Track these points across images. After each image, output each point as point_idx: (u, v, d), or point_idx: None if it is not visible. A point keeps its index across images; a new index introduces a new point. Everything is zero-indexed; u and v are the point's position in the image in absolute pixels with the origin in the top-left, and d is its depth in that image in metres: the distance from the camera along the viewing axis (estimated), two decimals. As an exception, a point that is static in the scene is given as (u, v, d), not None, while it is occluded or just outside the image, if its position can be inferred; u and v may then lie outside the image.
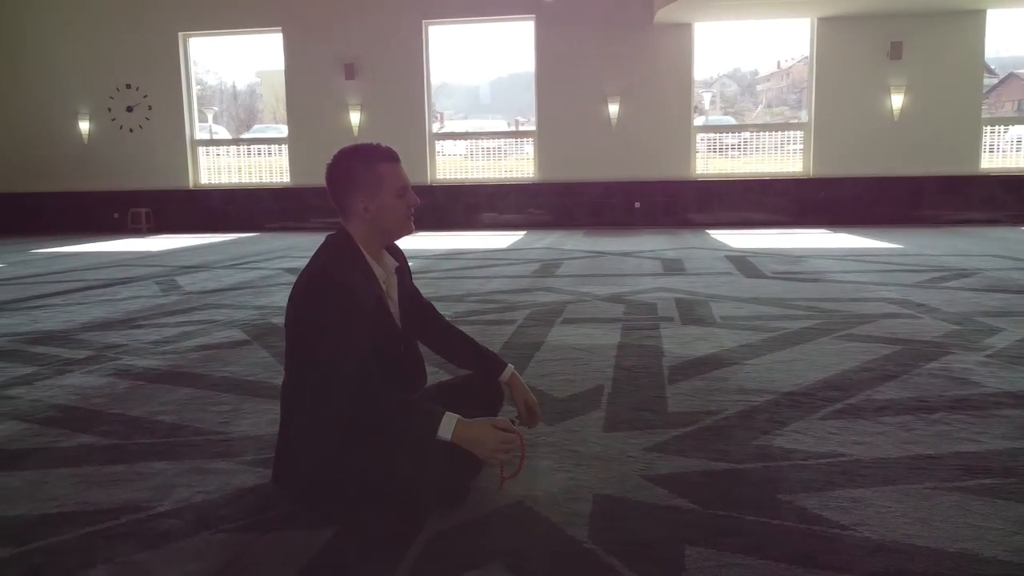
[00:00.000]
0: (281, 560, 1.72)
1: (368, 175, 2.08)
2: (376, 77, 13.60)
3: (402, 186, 2.12)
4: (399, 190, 2.11)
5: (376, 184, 2.08)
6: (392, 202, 2.10)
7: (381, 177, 2.09)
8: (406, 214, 2.14)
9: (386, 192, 2.09)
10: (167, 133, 14.33)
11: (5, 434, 2.66)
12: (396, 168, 2.14)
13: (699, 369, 3.35)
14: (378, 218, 2.10)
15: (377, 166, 2.10)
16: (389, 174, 2.11)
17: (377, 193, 2.08)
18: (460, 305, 5.18)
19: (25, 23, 14.46)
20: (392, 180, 2.11)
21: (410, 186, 2.17)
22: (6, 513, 2.00)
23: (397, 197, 2.11)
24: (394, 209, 2.10)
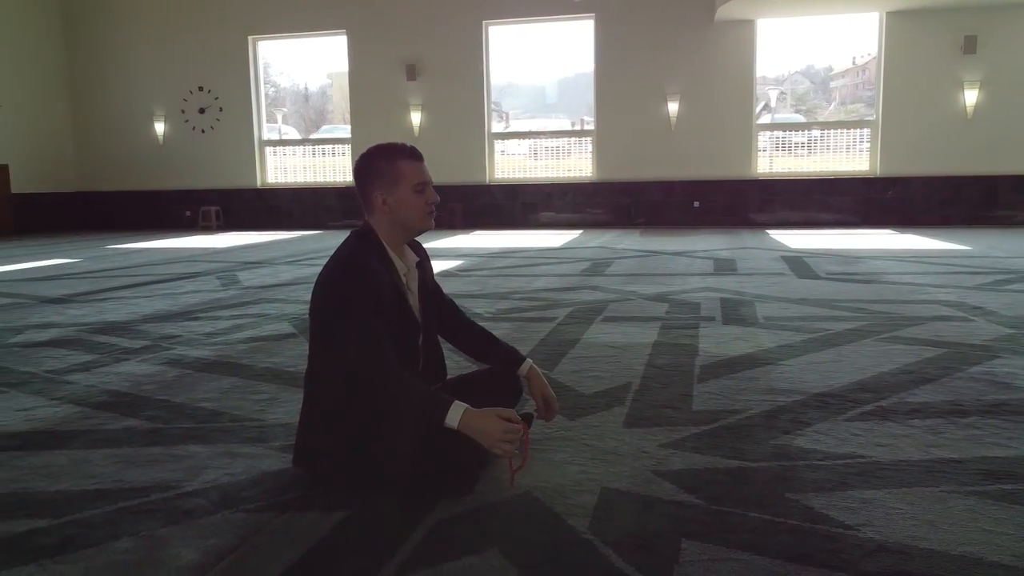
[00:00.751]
0: (292, 539, 1.80)
1: (388, 169, 2.16)
2: (437, 78, 13.79)
3: (421, 182, 2.19)
4: (417, 185, 2.17)
5: (395, 178, 2.16)
6: (410, 197, 2.16)
7: (401, 172, 2.16)
8: (424, 210, 2.20)
9: (404, 186, 2.16)
10: (237, 134, 14.81)
11: (59, 416, 2.83)
12: (417, 165, 2.20)
13: (731, 368, 3.33)
14: (396, 211, 2.17)
15: (398, 162, 2.17)
16: (409, 169, 2.17)
17: (396, 187, 2.15)
18: (503, 302, 5.24)
19: (104, 29, 15.15)
20: (411, 175, 2.17)
21: (430, 184, 2.23)
22: (48, 488, 2.14)
23: (416, 192, 2.17)
24: (412, 204, 2.17)
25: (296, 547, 1.76)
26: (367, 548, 1.75)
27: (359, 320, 2.02)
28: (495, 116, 15.13)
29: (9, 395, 3.14)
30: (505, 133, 14.31)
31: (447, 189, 13.75)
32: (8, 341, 4.24)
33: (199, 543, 1.79)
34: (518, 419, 2.01)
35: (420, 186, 2.19)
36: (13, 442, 2.55)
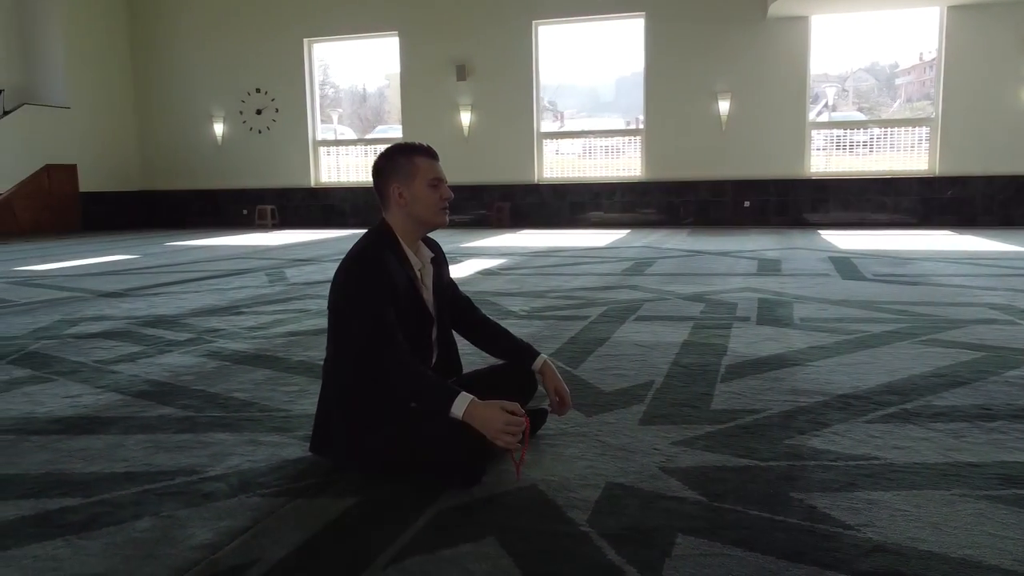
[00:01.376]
0: (300, 523, 1.88)
1: (406, 164, 2.24)
2: (487, 78, 13.89)
3: (436, 177, 2.26)
4: (433, 180, 2.24)
5: (412, 173, 2.23)
6: (425, 191, 2.23)
7: (417, 167, 2.23)
8: (438, 204, 2.26)
9: (420, 181, 2.23)
10: (292, 134, 15.15)
11: (101, 403, 2.98)
12: (432, 162, 2.27)
13: (757, 369, 3.31)
14: (412, 205, 2.24)
15: (415, 157, 2.25)
16: (425, 165, 2.25)
17: (412, 181, 2.23)
18: (539, 301, 5.28)
19: (167, 35, 15.66)
20: (427, 171, 2.24)
21: (445, 182, 2.29)
22: (83, 469, 2.27)
23: (430, 187, 2.24)
24: (426, 198, 2.24)
25: (303, 531, 1.84)
26: (369, 534, 1.82)
27: (372, 310, 2.09)
28: (550, 116, 15.16)
29: (58, 383, 3.31)
30: (553, 133, 14.32)
31: (495, 189, 13.88)
32: (63, 332, 4.45)
33: (213, 524, 1.88)
34: (521, 412, 2.05)
35: (435, 181, 2.26)
36: (57, 426, 2.69)
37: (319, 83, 15.66)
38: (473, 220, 14.16)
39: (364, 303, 2.11)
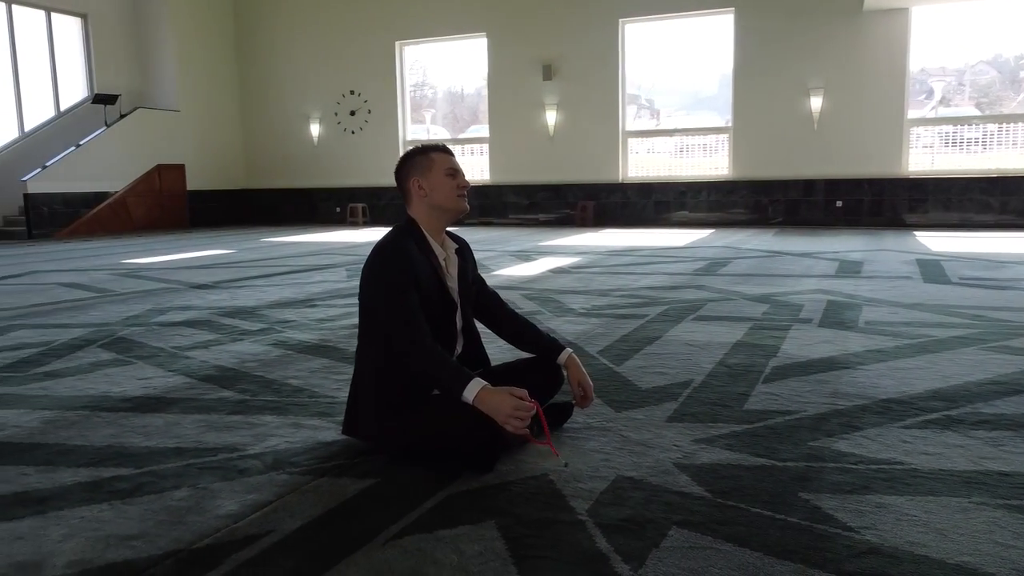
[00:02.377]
0: (318, 500, 2.01)
1: (422, 160, 2.37)
2: (572, 77, 13.93)
3: (451, 168, 2.37)
4: (448, 170, 2.37)
5: (429, 166, 2.36)
6: (442, 180, 2.35)
7: (432, 160, 2.37)
8: (455, 191, 2.38)
9: (437, 171, 2.35)
10: (382, 134, 15.60)
11: (170, 385, 3.22)
12: (447, 156, 2.42)
13: (804, 370, 3.25)
14: (432, 195, 2.36)
15: (429, 153, 2.39)
16: (439, 158, 2.38)
17: (430, 173, 2.35)
18: (601, 299, 5.31)
19: (267, 40, 16.39)
20: (442, 163, 2.37)
21: (461, 172, 2.41)
22: (140, 444, 2.48)
23: (447, 176, 2.36)
24: (443, 186, 2.35)
25: (319, 506, 1.97)
26: (379, 512, 1.93)
27: (396, 297, 2.21)
28: (647, 114, 15.02)
29: (136, 366, 3.59)
30: (638, 131, 14.20)
31: (579, 188, 13.90)
32: (151, 320, 4.79)
33: (241, 497, 2.03)
34: (529, 398, 2.12)
35: (451, 171, 2.38)
36: (126, 405, 2.93)
37: (419, 84, 16.06)
38: (557, 219, 14.23)
39: (388, 290, 2.23)
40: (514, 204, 14.63)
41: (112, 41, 15.19)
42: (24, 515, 1.95)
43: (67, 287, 6.51)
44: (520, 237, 11.39)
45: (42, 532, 1.85)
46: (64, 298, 5.87)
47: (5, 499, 2.05)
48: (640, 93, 15.12)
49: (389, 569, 1.65)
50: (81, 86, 14.94)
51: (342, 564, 1.67)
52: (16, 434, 2.60)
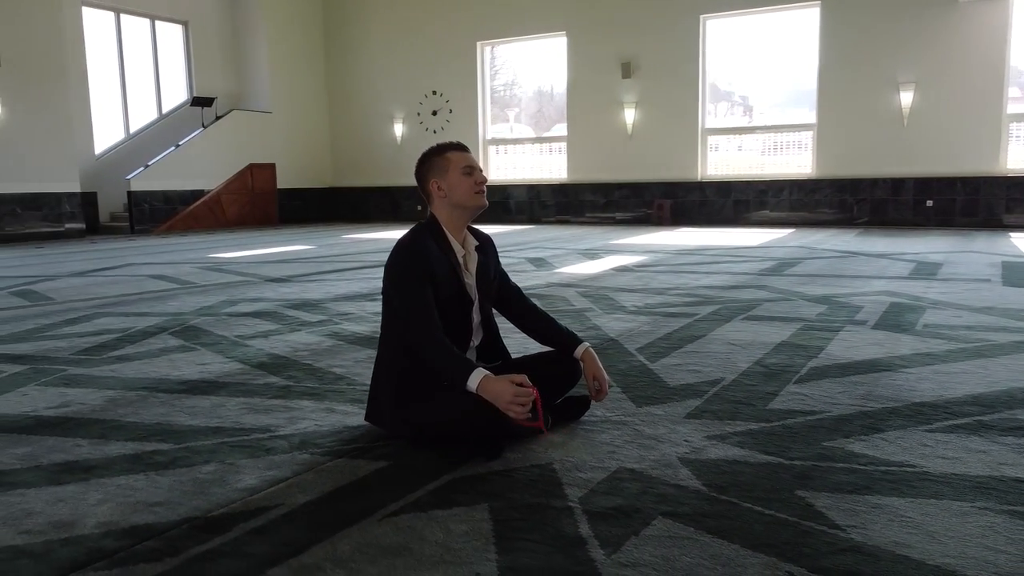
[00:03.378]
0: (330, 478, 2.14)
1: (439, 160, 2.46)
2: (652, 74, 13.83)
3: (467, 165, 2.46)
4: (465, 168, 2.45)
5: (445, 166, 2.45)
6: (459, 178, 2.44)
7: (448, 160, 2.45)
8: (473, 188, 2.46)
9: (454, 170, 2.44)
10: (464, 133, 15.83)
11: (224, 371, 3.44)
12: (463, 153, 2.50)
13: (842, 372, 3.19)
14: (451, 194, 2.45)
15: (446, 153, 2.47)
16: (455, 157, 2.46)
17: (447, 173, 2.44)
18: (656, 297, 5.30)
19: (355, 42, 16.90)
20: (458, 161, 2.46)
21: (478, 168, 2.49)
22: (184, 422, 2.67)
23: (464, 174, 2.44)
24: (460, 184, 2.44)
25: (330, 484, 2.10)
26: (383, 492, 2.04)
27: (410, 292, 2.33)
28: (741, 110, 14.74)
29: (199, 352, 3.84)
30: (717, 129, 13.94)
31: (656, 186, 13.78)
32: (222, 311, 5.08)
33: (262, 473, 2.18)
34: (530, 385, 2.19)
35: (467, 169, 2.46)
36: (181, 387, 3.16)
37: (509, 83, 16.24)
38: (633, 218, 14.15)
39: (403, 284, 2.35)
40: (591, 203, 14.62)
41: (211, 46, 15.98)
42: (70, 481, 2.15)
43: (155, 279, 6.94)
44: (593, 236, 11.40)
45: (82, 496, 2.04)
46: (149, 289, 6.27)
47: (57, 466, 2.27)
48: (733, 90, 14.83)
49: (378, 543, 1.75)
50: (182, 90, 15.78)
51: (336, 536, 1.78)
52: (80, 410, 2.84)
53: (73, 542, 1.78)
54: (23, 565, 1.68)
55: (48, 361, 3.67)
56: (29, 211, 12.36)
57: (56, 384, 3.23)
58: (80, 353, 3.85)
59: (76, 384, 3.23)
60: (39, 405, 2.92)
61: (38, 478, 2.18)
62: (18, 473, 2.22)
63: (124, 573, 1.63)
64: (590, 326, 4.30)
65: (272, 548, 1.73)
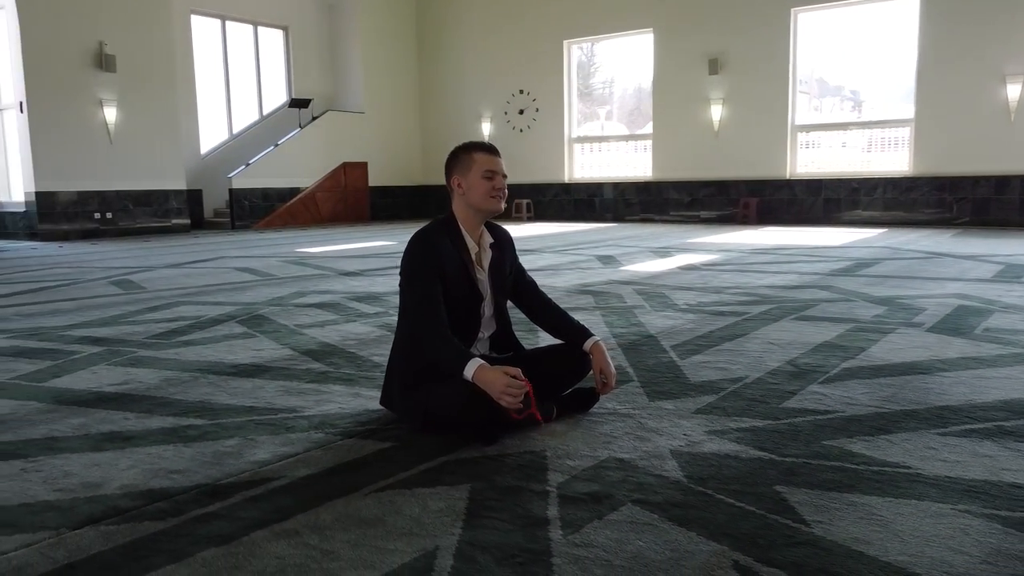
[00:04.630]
0: (335, 456, 2.29)
1: (465, 158, 2.56)
2: (740, 70, 13.56)
3: (490, 170, 2.54)
4: (487, 172, 2.54)
5: (469, 165, 2.54)
6: (478, 181, 2.53)
7: (474, 160, 2.54)
8: (489, 192, 2.54)
9: (475, 172, 2.53)
10: (549, 132, 15.94)
11: (274, 356, 3.67)
12: (489, 157, 2.57)
13: (874, 373, 3.13)
14: (468, 193, 2.55)
15: (473, 152, 2.56)
16: (481, 159, 2.55)
17: (468, 172, 2.54)
18: (711, 296, 5.26)
19: (446, 42, 17.26)
20: (482, 163, 2.54)
21: (500, 174, 2.57)
22: (223, 402, 2.89)
23: (484, 178, 2.53)
24: (479, 187, 2.54)
25: (333, 461, 2.25)
26: (378, 470, 2.17)
27: (418, 284, 2.45)
28: (849, 105, 14.23)
29: (256, 339, 4.10)
30: (808, 125, 13.49)
31: (743, 184, 13.50)
32: (290, 302, 5.37)
33: (276, 449, 2.36)
34: (522, 377, 2.28)
35: (489, 173, 2.54)
36: (231, 370, 3.40)
37: (608, 81, 16.26)
38: (718, 217, 13.90)
39: (412, 276, 2.48)
40: (675, 201, 14.45)
41: (309, 50, 16.68)
42: (109, 448, 2.39)
43: (240, 271, 7.37)
44: (672, 234, 11.29)
45: (115, 462, 2.27)
46: (232, 280, 6.67)
47: (102, 435, 2.51)
48: (843, 84, 14.33)
49: (357, 514, 1.89)
50: (281, 92, 16.54)
51: (322, 506, 1.93)
52: (136, 388, 3.12)
53: (96, 500, 1.99)
54: (48, 516, 1.90)
55: (122, 344, 4.01)
56: (140, 207, 13.26)
57: (123, 364, 3.54)
58: (152, 337, 4.18)
59: (140, 365, 3.53)
60: (103, 382, 3.21)
61: (83, 445, 2.43)
62: (68, 440, 2.48)
63: (130, 529, 1.82)
64: (634, 322, 4.34)
65: (261, 514, 1.89)
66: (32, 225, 12.24)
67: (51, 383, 3.22)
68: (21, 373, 3.41)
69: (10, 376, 3.35)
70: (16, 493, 2.05)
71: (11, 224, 12.87)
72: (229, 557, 1.68)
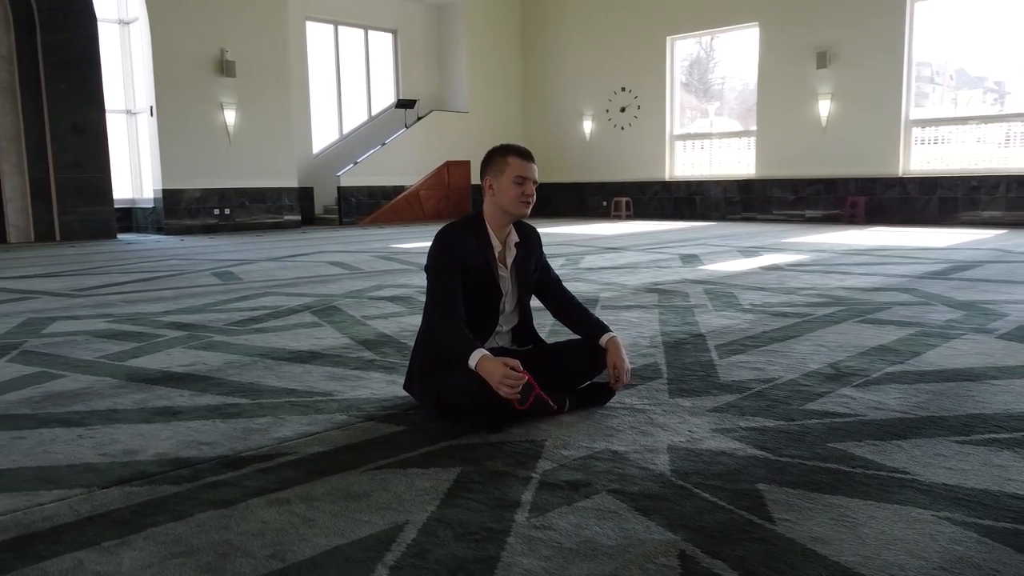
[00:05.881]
0: (350, 436, 2.45)
1: (500, 161, 2.66)
2: (850, 64, 13.03)
3: (521, 175, 2.62)
4: (517, 178, 2.62)
5: (502, 168, 2.64)
6: (508, 185, 2.63)
7: (508, 164, 2.64)
8: (517, 198, 2.63)
9: (507, 176, 2.63)
10: (650, 130, 15.80)
11: (332, 345, 3.89)
12: (523, 162, 2.64)
13: (915, 379, 3.02)
14: (498, 196, 2.66)
15: (508, 156, 2.66)
16: (515, 164, 2.64)
17: (501, 175, 2.64)
18: (779, 297, 5.14)
19: (549, 41, 17.38)
20: (515, 168, 2.63)
21: (531, 180, 2.64)
22: (270, 384, 3.12)
23: (514, 183, 2.62)
24: (508, 191, 2.63)
25: (345, 441, 2.41)
26: (381, 450, 2.32)
27: (438, 276, 2.59)
28: (991, 97, 13.45)
29: (322, 328, 4.35)
30: (922, 120, 12.76)
31: (850, 182, 12.95)
32: (366, 294, 5.64)
33: (298, 428, 2.55)
34: (521, 369, 2.37)
35: (520, 179, 2.63)
36: (288, 356, 3.64)
37: (726, 76, 16.02)
38: (824, 216, 13.38)
39: (435, 269, 2.61)
40: (779, 199, 14.02)
41: (416, 52, 17.21)
42: (157, 421, 2.65)
43: (331, 265, 7.76)
44: (770, 234, 10.98)
45: (157, 433, 2.52)
46: (321, 273, 7.04)
47: (155, 409, 2.78)
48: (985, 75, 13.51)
49: (348, 489, 2.03)
50: (389, 93, 17.13)
51: (318, 480, 2.09)
52: (199, 369, 3.40)
53: (130, 465, 2.23)
54: (86, 476, 2.15)
55: (203, 330, 4.35)
56: (255, 204, 14.09)
57: (197, 348, 3.86)
58: (231, 324, 4.51)
59: (211, 348, 3.83)
60: (173, 363, 3.52)
61: (137, 417, 2.70)
62: (126, 413, 2.76)
63: (150, 491, 2.04)
64: (688, 321, 4.32)
65: (264, 484, 2.07)
66: (159, 220, 13.25)
67: (129, 362, 3.56)
68: (108, 353, 3.78)
69: (98, 355, 3.72)
70: (68, 455, 2.32)
71: (142, 219, 13.96)
72: (222, 519, 1.86)
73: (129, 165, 14.24)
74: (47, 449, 2.39)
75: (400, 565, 1.62)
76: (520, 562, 1.63)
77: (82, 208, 12.28)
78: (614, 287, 5.73)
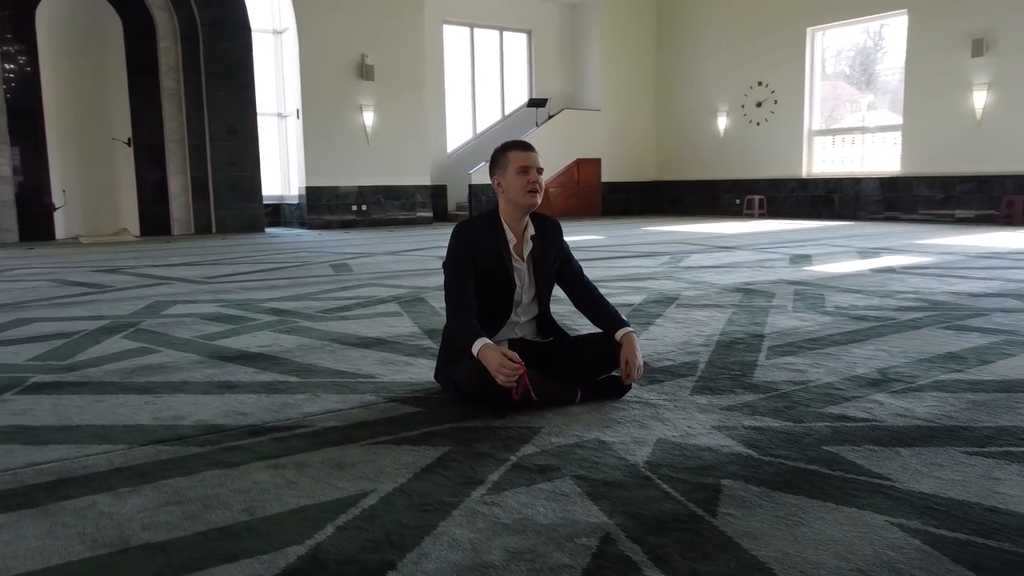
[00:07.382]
0: (369, 414, 2.66)
1: (502, 158, 2.81)
2: (1011, 51, 12.05)
3: (523, 166, 2.75)
4: (520, 168, 2.76)
5: (505, 164, 2.78)
6: (514, 177, 2.76)
7: (508, 159, 2.78)
8: (525, 187, 2.76)
9: (511, 170, 2.77)
10: (787, 125, 15.21)
11: (398, 333, 4.13)
12: (523, 153, 2.78)
13: (965, 388, 2.85)
14: (507, 190, 2.79)
15: (508, 152, 2.80)
16: (515, 156, 2.77)
17: (505, 171, 2.78)
18: (871, 300, 4.91)
19: (684, 38, 17.09)
20: (516, 160, 2.76)
21: (534, 168, 2.77)
22: (326, 366, 3.39)
23: (519, 174, 2.75)
24: (514, 183, 2.76)
25: (363, 418, 2.62)
26: (388, 428, 2.50)
27: (452, 267, 2.75)
28: None
29: (400, 317, 4.62)
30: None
31: (1010, 180, 11.92)
32: (455, 287, 5.87)
33: (328, 405, 2.78)
34: (517, 360, 2.47)
35: (522, 168, 2.76)
36: (354, 342, 3.91)
37: (888, 68, 15.29)
38: (976, 217, 12.37)
39: (450, 262, 2.77)
40: (925, 198, 13.10)
41: (549, 51, 17.43)
42: (214, 393, 2.97)
43: (437, 259, 8.09)
44: (907, 234, 10.31)
45: (208, 403, 2.83)
46: (425, 267, 7.38)
47: (218, 383, 3.11)
48: None
49: (341, 458, 2.23)
50: (523, 92, 17.45)
51: (317, 451, 2.30)
52: (272, 350, 3.74)
53: (171, 428, 2.54)
54: (133, 435, 2.47)
55: (293, 315, 4.73)
56: (390, 200, 14.82)
57: (281, 331, 4.22)
58: (321, 311, 4.87)
59: (293, 332, 4.18)
60: (252, 344, 3.89)
61: (199, 389, 3.03)
62: (192, 385, 3.11)
63: (177, 450, 2.33)
64: (756, 322, 4.23)
65: (272, 451, 2.31)
66: (303, 215, 14.22)
67: (217, 342, 3.96)
68: (203, 333, 4.21)
69: (194, 335, 4.16)
70: (127, 418, 2.67)
71: (288, 214, 15.03)
72: (222, 477, 2.10)
73: (279, 164, 15.36)
74: (114, 411, 2.75)
75: (346, 526, 1.79)
76: (452, 531, 1.75)
77: (235, 204, 13.40)
78: (701, 286, 5.66)
